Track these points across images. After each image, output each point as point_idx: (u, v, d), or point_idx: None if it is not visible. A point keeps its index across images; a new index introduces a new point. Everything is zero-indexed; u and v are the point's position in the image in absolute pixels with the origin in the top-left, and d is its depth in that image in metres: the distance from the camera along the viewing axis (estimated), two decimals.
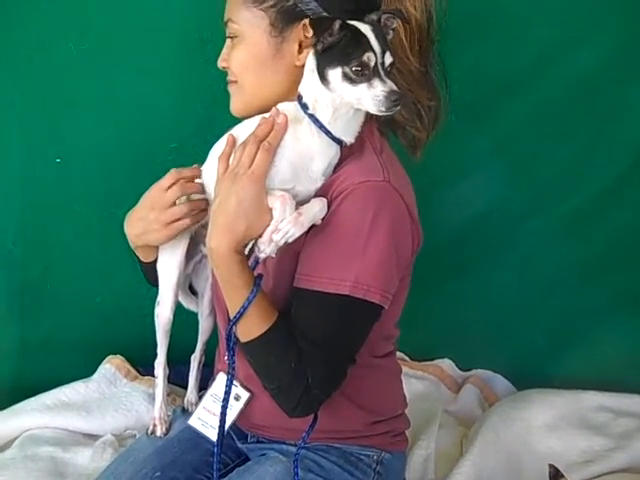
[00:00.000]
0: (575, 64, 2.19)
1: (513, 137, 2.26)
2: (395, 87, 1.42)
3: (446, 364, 2.56)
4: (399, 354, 2.27)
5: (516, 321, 2.46)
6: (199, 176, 1.64)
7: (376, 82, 1.42)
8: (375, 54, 1.42)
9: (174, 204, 1.62)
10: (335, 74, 1.45)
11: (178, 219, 1.62)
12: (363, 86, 1.43)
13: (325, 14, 1.55)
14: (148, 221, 1.63)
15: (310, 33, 1.53)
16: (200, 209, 1.62)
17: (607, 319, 2.44)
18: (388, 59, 1.44)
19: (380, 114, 1.45)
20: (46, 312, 2.30)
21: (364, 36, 1.43)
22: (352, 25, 1.44)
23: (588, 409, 2.34)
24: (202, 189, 1.63)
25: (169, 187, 1.62)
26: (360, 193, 1.48)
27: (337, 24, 1.43)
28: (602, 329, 2.45)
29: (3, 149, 2.18)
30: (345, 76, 1.44)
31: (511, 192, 2.31)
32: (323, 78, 1.47)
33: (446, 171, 2.22)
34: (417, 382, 2.43)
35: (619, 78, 2.21)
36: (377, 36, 1.44)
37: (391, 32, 1.51)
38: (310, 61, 1.51)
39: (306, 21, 1.55)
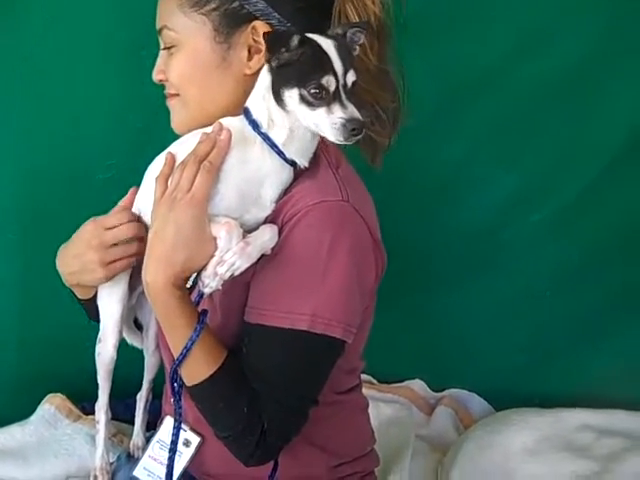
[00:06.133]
0: (546, 61, 2.07)
1: (483, 141, 2.13)
2: (356, 113, 1.28)
3: (417, 385, 2.40)
4: (366, 376, 2.17)
5: (491, 337, 2.33)
6: None
7: (336, 107, 1.28)
8: (336, 76, 1.27)
9: (116, 244, 1.45)
10: (292, 95, 1.30)
11: (120, 259, 1.46)
12: (322, 110, 1.28)
13: (275, 14, 1.42)
14: (84, 260, 1.46)
15: (260, 36, 1.38)
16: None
17: (586, 332, 2.33)
18: (350, 78, 1.29)
19: (338, 143, 1.30)
20: None
21: (325, 54, 1.28)
22: (313, 40, 1.29)
23: (570, 429, 2.19)
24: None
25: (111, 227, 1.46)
26: (315, 215, 1.34)
27: (296, 39, 1.28)
28: (581, 343, 2.33)
29: None
30: (302, 99, 1.29)
31: (480, 202, 2.18)
32: (278, 98, 1.32)
33: (410, 180, 2.10)
34: (386, 406, 2.26)
35: (594, 74, 2.10)
36: (340, 53, 1.29)
37: (357, 48, 1.37)
38: (264, 76, 1.36)
39: (255, 23, 1.41)
